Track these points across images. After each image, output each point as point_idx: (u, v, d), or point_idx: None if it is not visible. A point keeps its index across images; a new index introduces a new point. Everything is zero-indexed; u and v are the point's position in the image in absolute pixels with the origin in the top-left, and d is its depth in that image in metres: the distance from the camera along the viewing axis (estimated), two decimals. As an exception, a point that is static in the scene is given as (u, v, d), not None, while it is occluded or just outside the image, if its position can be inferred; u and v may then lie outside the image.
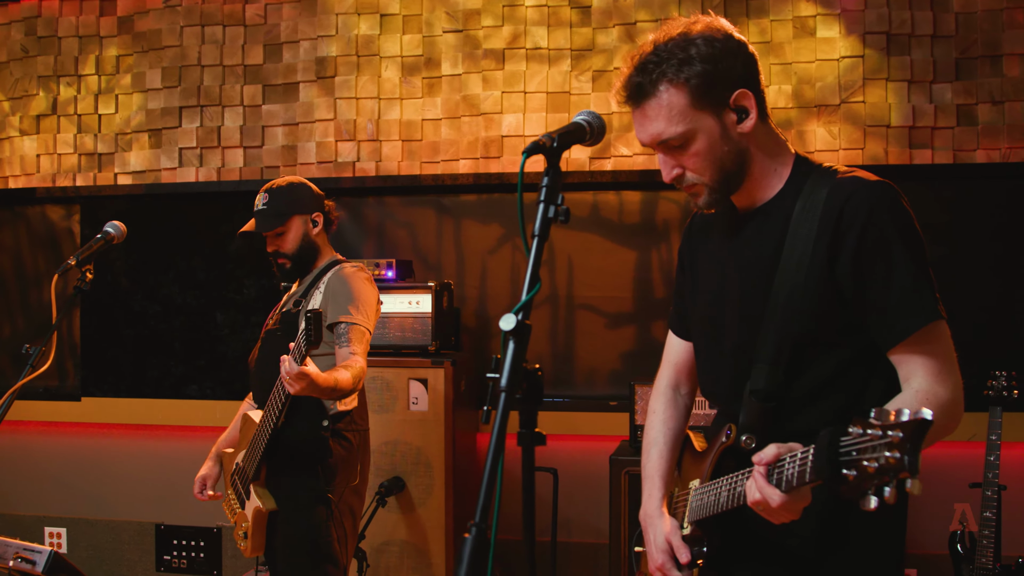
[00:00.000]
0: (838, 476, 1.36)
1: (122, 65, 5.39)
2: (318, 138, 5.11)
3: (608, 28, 4.82)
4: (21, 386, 2.62)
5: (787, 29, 4.65)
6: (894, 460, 1.26)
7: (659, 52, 1.86)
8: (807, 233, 1.84)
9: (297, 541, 3.29)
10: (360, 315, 3.32)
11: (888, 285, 1.79)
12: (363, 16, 5.06)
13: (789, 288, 1.85)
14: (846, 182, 1.86)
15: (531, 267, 1.62)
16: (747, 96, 1.87)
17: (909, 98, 4.55)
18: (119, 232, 3.15)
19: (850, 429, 1.36)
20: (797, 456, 1.58)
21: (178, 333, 5.33)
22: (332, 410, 3.33)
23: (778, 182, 1.95)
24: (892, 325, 1.80)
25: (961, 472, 4.25)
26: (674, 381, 2.34)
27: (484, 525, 1.45)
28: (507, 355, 1.57)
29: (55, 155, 5.45)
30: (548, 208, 1.66)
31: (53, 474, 5.51)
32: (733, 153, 1.89)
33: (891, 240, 1.79)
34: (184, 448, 5.25)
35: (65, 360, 5.56)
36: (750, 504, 1.70)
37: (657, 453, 2.23)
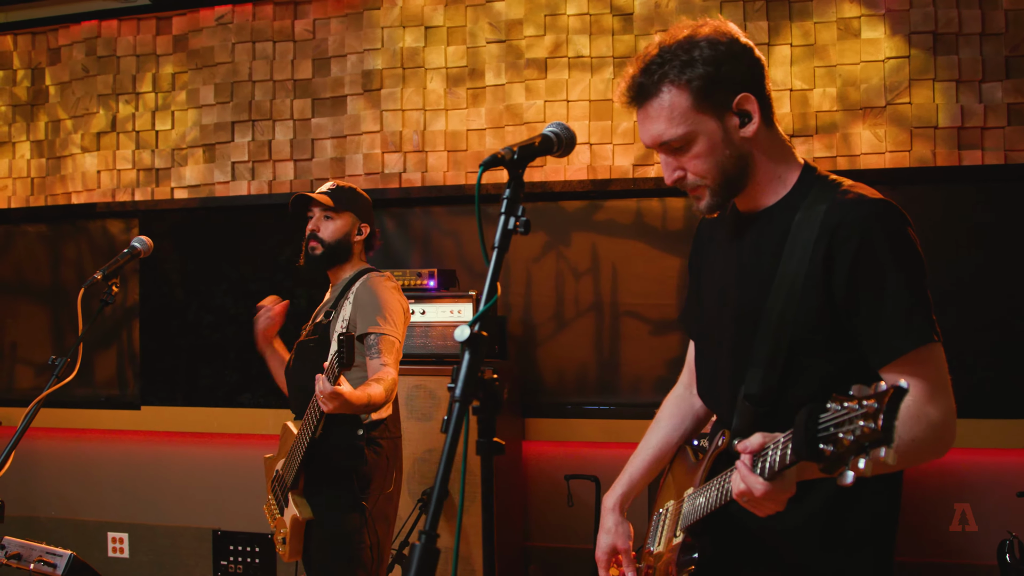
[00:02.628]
0: (815, 452, 1.35)
1: (177, 82, 5.54)
2: (365, 150, 5.19)
3: (650, 35, 4.81)
4: (46, 396, 2.70)
5: (831, 31, 4.59)
6: (868, 430, 1.25)
7: (663, 54, 1.87)
8: (805, 243, 1.83)
9: (331, 547, 3.34)
10: (389, 325, 3.36)
11: (881, 304, 1.77)
12: (408, 29, 5.13)
13: (785, 295, 1.84)
14: (847, 198, 1.84)
15: (489, 278, 1.66)
16: (750, 100, 1.86)
17: (957, 98, 4.46)
18: (145, 247, 3.24)
19: (828, 405, 1.36)
20: (779, 442, 1.58)
21: (231, 342, 5.45)
22: (367, 419, 3.38)
23: (782, 189, 1.94)
24: (883, 344, 1.78)
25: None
26: (688, 381, 2.35)
27: (436, 534, 1.47)
28: (462, 366, 1.60)
29: (115, 171, 5.62)
30: (508, 220, 1.69)
31: (115, 481, 5.67)
32: (735, 157, 1.88)
33: (887, 259, 1.77)
34: (238, 455, 5.36)
35: (125, 370, 5.72)
36: (735, 496, 1.68)
37: (639, 460, 2.27)
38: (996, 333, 4.37)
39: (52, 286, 5.89)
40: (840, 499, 1.87)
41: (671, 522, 2.10)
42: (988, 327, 4.38)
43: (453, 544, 3.94)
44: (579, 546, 4.30)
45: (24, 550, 2.93)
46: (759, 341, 1.88)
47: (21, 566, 3.49)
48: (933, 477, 4.44)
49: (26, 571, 3.13)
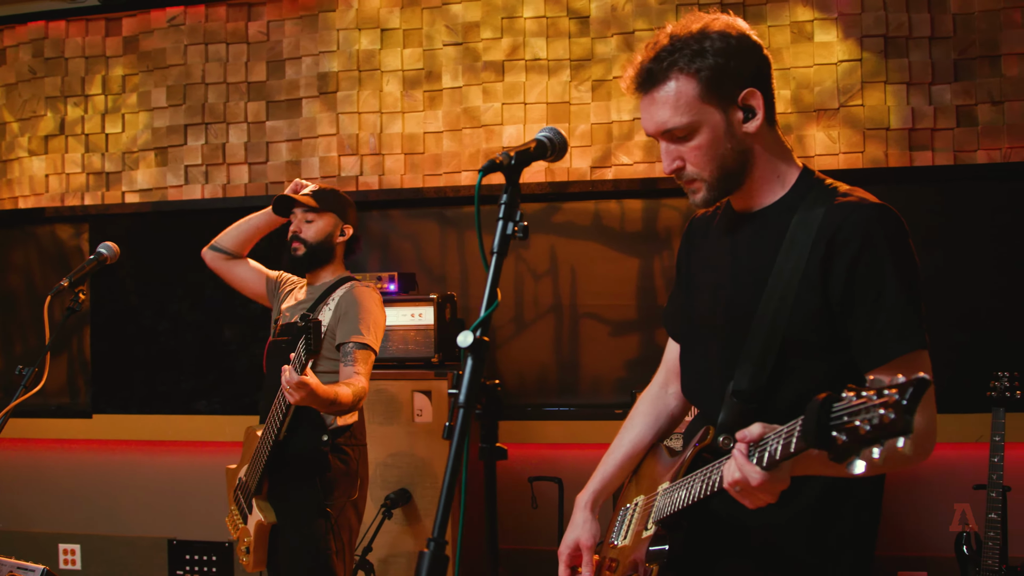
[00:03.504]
0: (827, 439, 1.34)
1: (128, 84, 5.45)
2: (321, 153, 5.15)
3: (607, 38, 4.84)
4: (14, 406, 2.64)
5: (785, 34, 4.66)
6: (888, 419, 1.24)
7: (675, 42, 1.87)
8: (803, 245, 1.84)
9: (297, 554, 3.31)
10: (369, 336, 3.36)
11: (878, 308, 1.78)
12: (364, 31, 5.10)
13: (780, 295, 1.85)
14: (847, 201, 1.85)
15: (489, 284, 1.66)
16: (756, 96, 1.88)
17: (908, 100, 4.55)
18: (112, 253, 3.19)
19: (843, 395, 1.34)
20: (782, 431, 1.56)
21: (187, 349, 5.38)
22: (332, 425, 3.36)
23: (780, 189, 1.95)
24: (876, 347, 1.79)
25: (965, 474, 4.24)
26: (664, 380, 2.36)
27: (444, 541, 1.46)
28: (465, 371, 1.60)
29: (63, 175, 5.52)
30: (507, 225, 1.70)
31: (66, 491, 5.56)
32: (736, 151, 1.89)
33: (886, 264, 1.78)
34: (194, 463, 5.29)
35: (76, 378, 5.61)
36: (727, 485, 1.66)
37: (612, 460, 2.29)
38: (954, 330, 4.46)
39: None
40: (827, 501, 1.88)
41: (640, 516, 2.10)
42: (946, 325, 4.47)
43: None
44: (544, 548, 4.30)
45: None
46: (751, 339, 1.88)
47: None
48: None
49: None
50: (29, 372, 2.72)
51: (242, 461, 3.52)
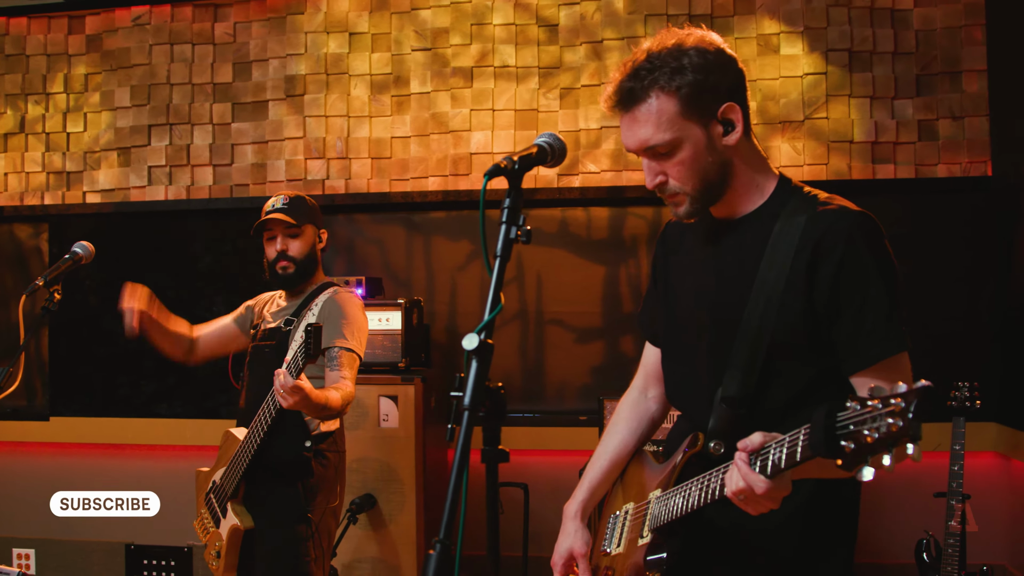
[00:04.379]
0: (837, 449, 1.37)
1: (91, 83, 5.39)
2: (287, 156, 5.13)
3: (575, 46, 4.87)
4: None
5: (751, 47, 4.71)
6: (896, 427, 1.28)
7: (652, 60, 1.88)
8: (786, 251, 1.87)
9: (276, 559, 3.28)
10: (354, 341, 3.35)
11: (863, 312, 1.82)
12: (332, 35, 5.09)
13: (766, 300, 1.88)
14: (829, 209, 1.89)
15: (493, 287, 1.67)
16: (735, 109, 1.90)
17: (871, 114, 4.62)
18: (87, 252, 3.14)
19: (848, 404, 1.38)
20: (785, 440, 1.58)
21: (148, 352, 5.26)
22: (316, 430, 3.34)
23: (759, 197, 1.98)
24: (862, 350, 1.83)
25: (924, 482, 4.30)
26: (643, 384, 2.37)
27: (449, 542, 1.47)
28: (470, 374, 1.61)
29: (23, 174, 5.43)
30: (510, 229, 1.71)
31: (21, 495, 5.46)
32: (717, 164, 1.91)
33: (869, 270, 1.83)
34: (154, 467, 5.22)
35: (33, 379, 5.52)
36: (730, 494, 1.68)
37: (597, 467, 2.31)
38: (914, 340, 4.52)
39: (-46, 293, 5.67)
40: (817, 501, 1.93)
41: (633, 523, 2.11)
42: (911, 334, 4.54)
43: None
44: (509, 554, 4.30)
45: (-33, 569, 2.81)
46: (738, 345, 1.91)
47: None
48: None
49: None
50: (3, 372, 2.67)
51: (217, 464, 3.48)
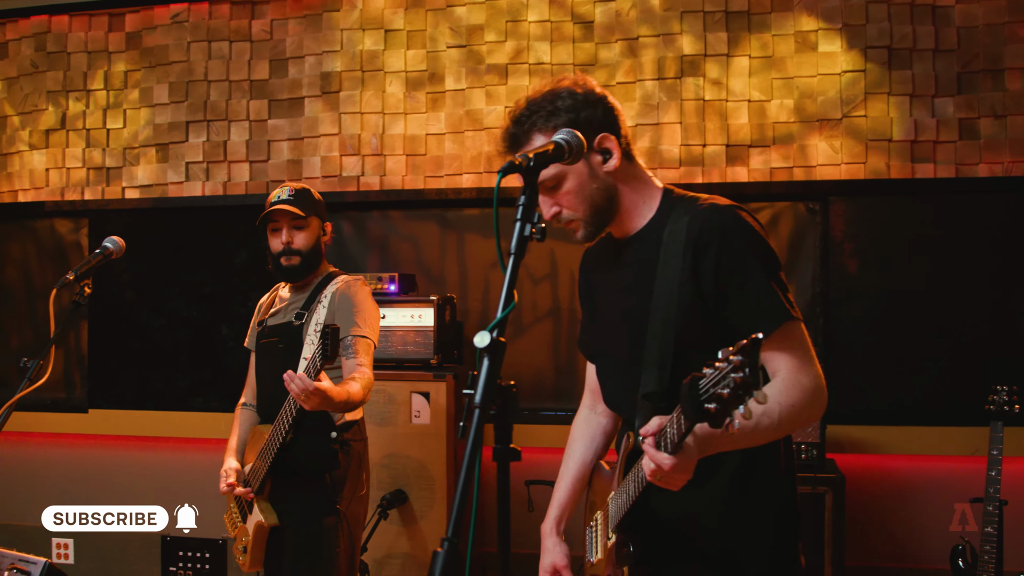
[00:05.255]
0: (703, 412, 1.51)
1: (130, 80, 5.45)
2: (323, 152, 5.15)
3: (611, 43, 4.84)
4: (19, 399, 2.63)
5: (789, 44, 4.66)
6: (739, 379, 1.42)
7: (530, 106, 2.09)
8: (675, 254, 2.04)
9: (305, 552, 3.30)
10: (367, 327, 3.37)
11: (745, 294, 2.00)
12: (368, 32, 5.10)
13: (665, 301, 2.05)
14: (704, 207, 2.08)
15: (506, 285, 1.69)
16: (609, 139, 2.09)
17: (911, 112, 4.56)
18: (117, 247, 3.17)
19: (705, 371, 1.53)
20: (673, 417, 1.73)
21: (183, 346, 5.37)
22: (340, 420, 3.36)
23: (648, 212, 2.17)
24: (753, 327, 1.89)
25: (961, 487, 4.24)
26: (591, 402, 2.55)
27: (457, 540, 1.47)
28: (481, 372, 1.62)
29: (64, 169, 5.51)
30: (524, 226, 1.74)
31: (60, 485, 5.54)
32: (602, 190, 2.10)
33: (743, 256, 2.00)
34: (189, 460, 5.28)
35: (72, 372, 5.61)
36: (649, 477, 1.83)
37: (563, 485, 2.48)
38: (945, 341, 4.48)
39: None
40: (739, 477, 2.08)
41: (602, 529, 2.27)
42: (937, 336, 4.49)
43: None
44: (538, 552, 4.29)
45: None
46: (649, 345, 2.07)
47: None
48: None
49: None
50: (34, 364, 2.70)
51: (246, 459, 3.50)
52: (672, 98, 4.75)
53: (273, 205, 3.41)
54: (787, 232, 4.73)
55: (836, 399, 4.47)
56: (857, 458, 4.53)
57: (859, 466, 4.53)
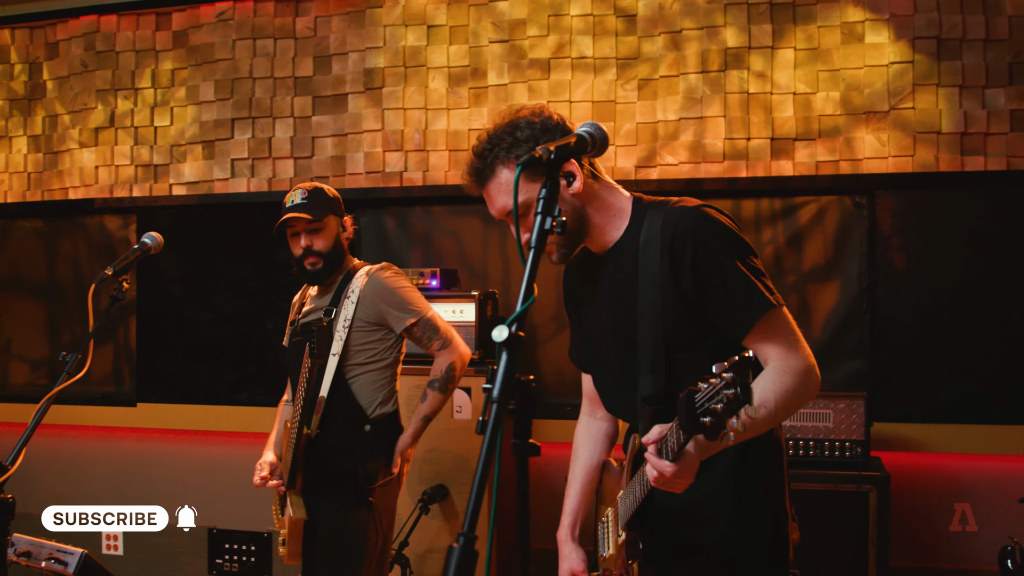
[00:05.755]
0: (698, 425, 1.59)
1: (176, 78, 5.51)
2: (366, 148, 5.17)
3: (654, 36, 4.81)
4: (57, 392, 2.67)
5: (835, 35, 4.59)
6: (732, 395, 1.50)
7: (491, 139, 2.16)
8: (653, 259, 2.10)
9: (337, 544, 3.33)
10: (421, 304, 3.46)
11: (725, 289, 2.05)
12: (410, 27, 5.11)
13: (649, 306, 2.12)
14: (674, 211, 2.13)
15: (526, 279, 1.71)
16: (570, 163, 2.12)
17: (961, 104, 4.47)
18: (156, 243, 3.21)
19: (700, 385, 1.60)
20: (673, 427, 1.81)
21: (229, 341, 5.43)
22: (375, 412, 3.38)
23: (621, 224, 2.22)
24: (737, 322, 2.06)
25: (1013, 487, 4.16)
26: (589, 409, 2.62)
27: (473, 535, 1.47)
28: (499, 366, 1.62)
29: (112, 166, 5.59)
30: (545, 220, 1.73)
31: (110, 478, 5.64)
32: (570, 212, 2.15)
33: (718, 251, 2.06)
34: (235, 454, 5.33)
35: (121, 366, 5.69)
36: (652, 482, 1.91)
37: (573, 491, 2.56)
38: (996, 338, 4.39)
39: (48, 282, 5.86)
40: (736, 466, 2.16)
41: (613, 526, 2.34)
42: (987, 332, 4.40)
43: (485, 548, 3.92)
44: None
45: (34, 548, 2.91)
46: (641, 352, 2.14)
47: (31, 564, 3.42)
48: (933, 477, 4.45)
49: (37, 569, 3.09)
50: (73, 359, 2.74)
51: (284, 455, 3.54)
52: (716, 91, 4.70)
53: (287, 211, 3.41)
54: (833, 227, 4.66)
55: (883, 396, 4.42)
56: (905, 456, 4.46)
57: (906, 464, 4.46)
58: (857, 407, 4.06)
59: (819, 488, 3.97)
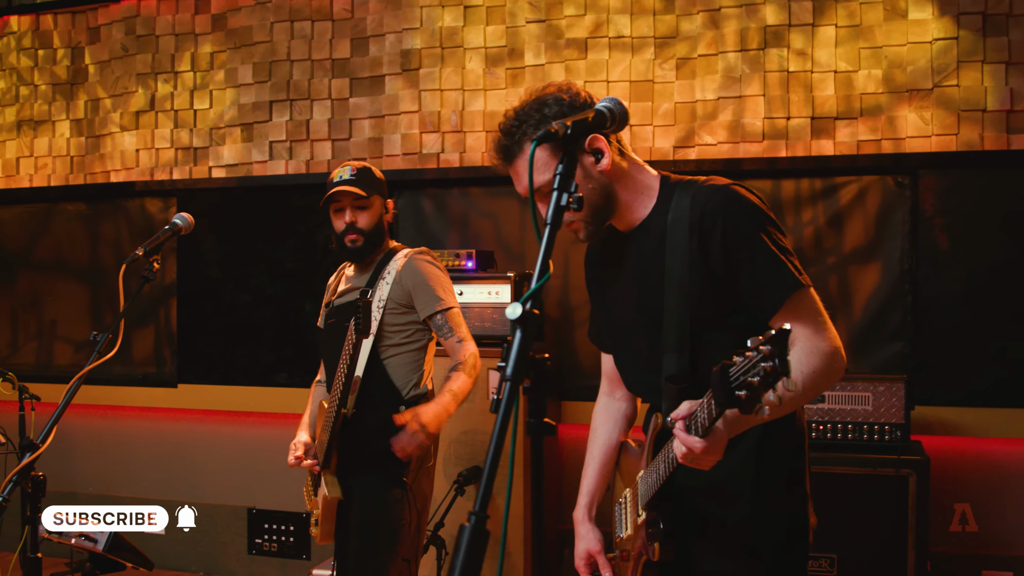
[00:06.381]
0: (733, 399, 1.58)
1: (216, 61, 5.55)
2: (403, 130, 5.17)
3: (692, 15, 4.75)
4: (87, 372, 2.70)
5: (877, 12, 4.51)
6: (769, 367, 1.49)
7: (519, 116, 2.14)
8: (681, 237, 2.09)
9: (371, 525, 3.33)
10: (448, 296, 3.42)
11: (754, 268, 2.04)
12: (447, 8, 5.09)
13: (676, 284, 2.11)
14: (703, 189, 2.12)
15: (542, 256, 1.68)
16: (599, 139, 2.10)
17: (1007, 81, 4.37)
18: (186, 223, 3.22)
19: (735, 359, 1.59)
20: (703, 403, 1.80)
21: (267, 322, 5.47)
22: (409, 393, 3.38)
23: (649, 202, 2.20)
24: (765, 300, 2.05)
25: None
26: (608, 389, 2.61)
27: (485, 515, 1.46)
28: (513, 344, 1.60)
29: (153, 150, 5.64)
30: (561, 196, 1.72)
31: (151, 458, 5.71)
32: (598, 189, 2.14)
33: (748, 230, 2.05)
34: (274, 435, 5.37)
35: (163, 348, 5.75)
36: (681, 459, 1.90)
37: (590, 472, 2.55)
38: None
39: (90, 264, 5.94)
40: (758, 445, 2.16)
41: (632, 506, 2.32)
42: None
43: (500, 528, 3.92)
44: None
45: (66, 524, 2.94)
46: (666, 330, 2.14)
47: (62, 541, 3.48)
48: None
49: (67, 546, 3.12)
50: (103, 338, 2.77)
51: (318, 434, 3.55)
52: (755, 70, 4.64)
53: (336, 185, 3.41)
54: (875, 207, 4.59)
55: (925, 379, 4.35)
56: (946, 440, 4.39)
57: (948, 448, 4.39)
58: (897, 390, 4.01)
59: (858, 472, 3.93)
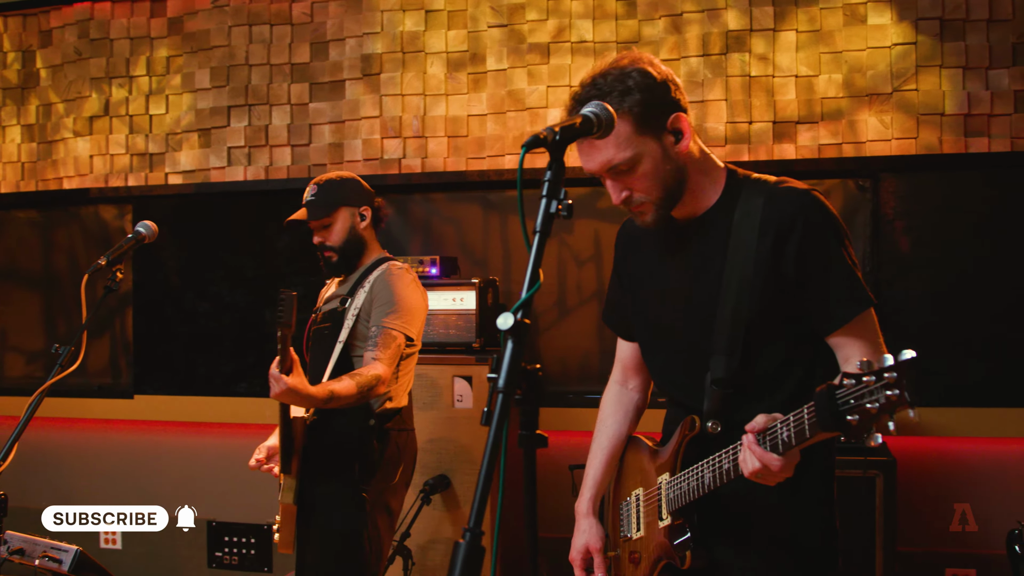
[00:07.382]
0: (843, 424, 1.53)
1: (172, 66, 5.46)
2: (364, 135, 5.12)
3: (654, 20, 4.76)
4: (50, 385, 2.62)
5: (837, 17, 4.55)
6: (895, 397, 1.45)
7: (600, 86, 2.00)
8: (749, 235, 2.04)
9: (327, 536, 3.27)
10: (398, 320, 3.29)
11: (827, 279, 2.01)
12: (408, 12, 5.06)
13: (738, 284, 2.05)
14: (781, 190, 2.07)
15: (531, 265, 1.63)
16: (681, 119, 2.05)
17: (964, 85, 4.42)
18: (150, 231, 3.16)
19: (844, 382, 1.54)
20: (790, 420, 1.75)
21: (227, 331, 5.38)
22: (380, 408, 3.33)
23: (714, 193, 2.14)
24: (833, 314, 2.02)
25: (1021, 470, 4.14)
26: (622, 378, 2.55)
27: (480, 531, 1.42)
28: (505, 355, 1.56)
29: (108, 155, 5.53)
30: (550, 203, 1.69)
31: (107, 471, 5.59)
32: (674, 171, 2.06)
33: (828, 239, 2.02)
34: (234, 445, 5.28)
35: (119, 358, 5.64)
36: (749, 473, 1.83)
37: (596, 463, 2.48)
38: (1002, 321, 4.35)
39: (43, 273, 5.81)
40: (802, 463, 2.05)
41: (648, 508, 2.26)
42: (991, 316, 4.36)
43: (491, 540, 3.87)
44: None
45: (27, 545, 2.86)
46: (719, 330, 2.08)
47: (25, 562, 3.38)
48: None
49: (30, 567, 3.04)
50: (65, 351, 2.70)
51: None
52: (717, 75, 4.65)
53: (297, 211, 3.45)
54: (836, 210, 4.61)
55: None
56: (911, 440, 4.42)
57: (914, 449, 4.42)
58: (863, 392, 4.01)
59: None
